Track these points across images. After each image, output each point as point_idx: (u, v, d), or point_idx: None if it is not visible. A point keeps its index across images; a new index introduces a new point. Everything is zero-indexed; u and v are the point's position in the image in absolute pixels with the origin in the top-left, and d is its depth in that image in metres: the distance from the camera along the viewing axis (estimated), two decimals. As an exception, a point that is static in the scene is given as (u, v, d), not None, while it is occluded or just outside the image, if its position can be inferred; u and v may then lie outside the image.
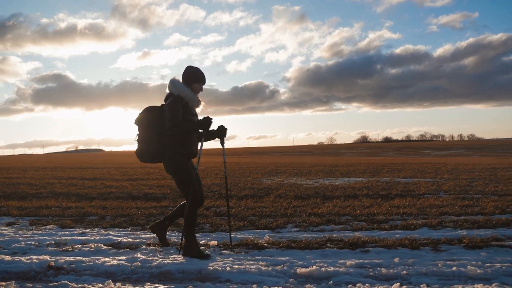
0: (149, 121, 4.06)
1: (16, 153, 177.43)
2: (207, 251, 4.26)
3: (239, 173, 16.12)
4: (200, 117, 4.13)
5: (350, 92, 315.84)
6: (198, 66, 4.23)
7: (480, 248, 4.36)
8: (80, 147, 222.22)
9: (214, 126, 4.16)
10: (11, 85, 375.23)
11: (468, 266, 3.59)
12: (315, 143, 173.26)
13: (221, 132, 4.18)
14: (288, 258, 4.00)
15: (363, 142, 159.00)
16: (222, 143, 4.25)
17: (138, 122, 4.12)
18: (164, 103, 4.15)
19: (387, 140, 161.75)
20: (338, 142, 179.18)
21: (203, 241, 4.74)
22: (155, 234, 4.55)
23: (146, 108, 4.15)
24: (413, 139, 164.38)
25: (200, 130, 4.11)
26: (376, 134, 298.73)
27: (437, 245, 4.45)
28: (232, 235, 4.73)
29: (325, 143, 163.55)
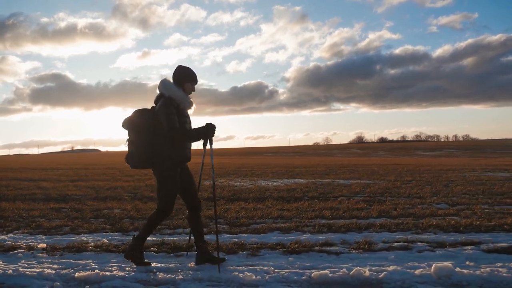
0: (140, 124, 3.80)
1: (11, 153, 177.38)
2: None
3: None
4: (192, 118, 3.97)
5: (349, 93, 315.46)
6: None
7: (298, 253, 4.36)
8: (78, 147, 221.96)
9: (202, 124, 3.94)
10: (9, 84, 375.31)
11: (245, 272, 3.60)
12: (312, 143, 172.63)
13: (209, 130, 3.88)
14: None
15: (358, 142, 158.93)
16: (210, 142, 3.94)
17: (128, 125, 3.86)
18: (154, 105, 3.93)
19: (382, 140, 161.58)
20: (334, 142, 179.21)
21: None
22: (207, 261, 3.96)
23: (136, 110, 3.88)
24: (409, 139, 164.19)
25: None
26: (374, 134, 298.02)
27: (258, 250, 4.45)
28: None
29: (320, 144, 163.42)
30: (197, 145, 4.39)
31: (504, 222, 5.79)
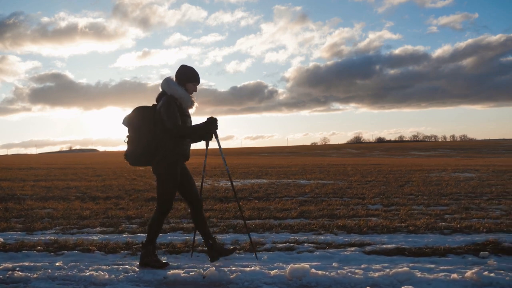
0: (141, 121, 3.82)
1: (9, 153, 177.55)
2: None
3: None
4: (193, 118, 3.99)
5: (348, 93, 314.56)
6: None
7: (179, 253, 4.39)
8: (77, 147, 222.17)
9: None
10: (8, 84, 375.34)
11: (99, 271, 3.62)
12: (310, 143, 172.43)
13: (213, 124, 3.93)
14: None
15: (356, 142, 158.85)
16: (216, 136, 3.99)
17: (128, 122, 3.89)
18: (156, 102, 3.95)
19: (380, 140, 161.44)
20: (333, 142, 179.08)
21: None
22: (219, 257, 4.00)
23: (137, 107, 3.91)
24: (406, 139, 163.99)
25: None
26: (372, 134, 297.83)
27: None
28: None
29: (318, 144, 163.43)
30: (195, 145, 4.45)
31: (413, 224, 5.80)
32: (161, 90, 3.95)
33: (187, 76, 3.97)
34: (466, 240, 4.91)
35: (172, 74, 4.03)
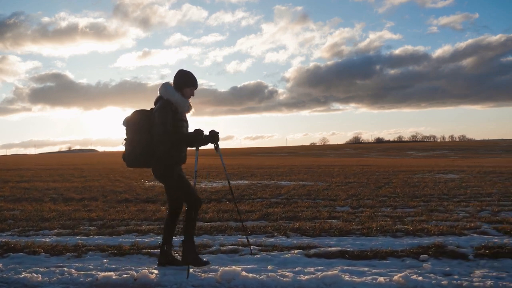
0: (139, 124, 3.92)
1: (8, 153, 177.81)
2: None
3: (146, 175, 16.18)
4: (191, 118, 4.07)
5: (348, 93, 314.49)
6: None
7: (122, 255, 4.45)
8: (77, 147, 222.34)
9: (206, 131, 4.05)
10: (9, 84, 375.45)
11: (32, 274, 3.69)
12: (310, 144, 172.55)
13: (214, 138, 4.06)
14: None
15: (355, 143, 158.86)
16: (216, 147, 4.13)
17: (127, 124, 3.98)
18: (153, 106, 4.03)
19: (378, 141, 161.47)
20: (332, 142, 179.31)
21: None
22: (193, 264, 3.97)
23: (136, 111, 4.01)
24: (405, 140, 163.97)
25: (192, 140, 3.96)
26: (372, 134, 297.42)
27: (86, 252, 4.55)
28: None
29: (317, 144, 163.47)
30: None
31: (368, 226, 5.86)
32: (159, 94, 4.03)
33: (183, 81, 4.04)
34: (413, 243, 4.96)
35: (173, 75, 4.12)
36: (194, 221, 4.00)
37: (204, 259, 4.05)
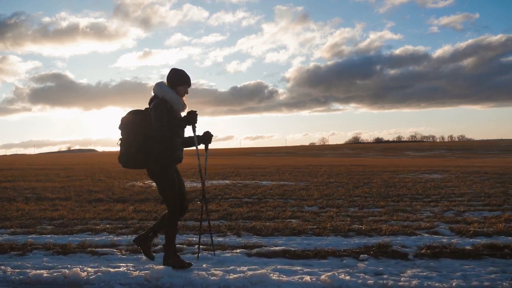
0: (133, 124, 3.94)
1: (8, 153, 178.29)
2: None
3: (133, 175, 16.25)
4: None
5: (348, 93, 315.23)
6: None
7: (66, 254, 4.51)
8: (76, 147, 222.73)
9: (200, 131, 4.14)
10: (9, 84, 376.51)
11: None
12: (309, 144, 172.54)
13: (206, 138, 4.17)
14: None
15: (354, 143, 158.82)
16: (206, 148, 4.24)
17: (122, 124, 4.00)
18: (148, 106, 4.03)
19: (377, 141, 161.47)
20: (332, 143, 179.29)
21: None
22: (140, 247, 4.20)
23: (130, 111, 4.03)
24: (404, 140, 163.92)
25: (189, 128, 4.04)
26: (371, 134, 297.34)
27: (31, 250, 4.60)
28: None
29: (316, 144, 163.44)
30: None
31: (323, 226, 5.90)
32: (153, 94, 4.06)
33: (177, 79, 4.07)
34: (361, 242, 5.00)
35: None
36: (175, 225, 4.04)
37: (187, 262, 4.03)
